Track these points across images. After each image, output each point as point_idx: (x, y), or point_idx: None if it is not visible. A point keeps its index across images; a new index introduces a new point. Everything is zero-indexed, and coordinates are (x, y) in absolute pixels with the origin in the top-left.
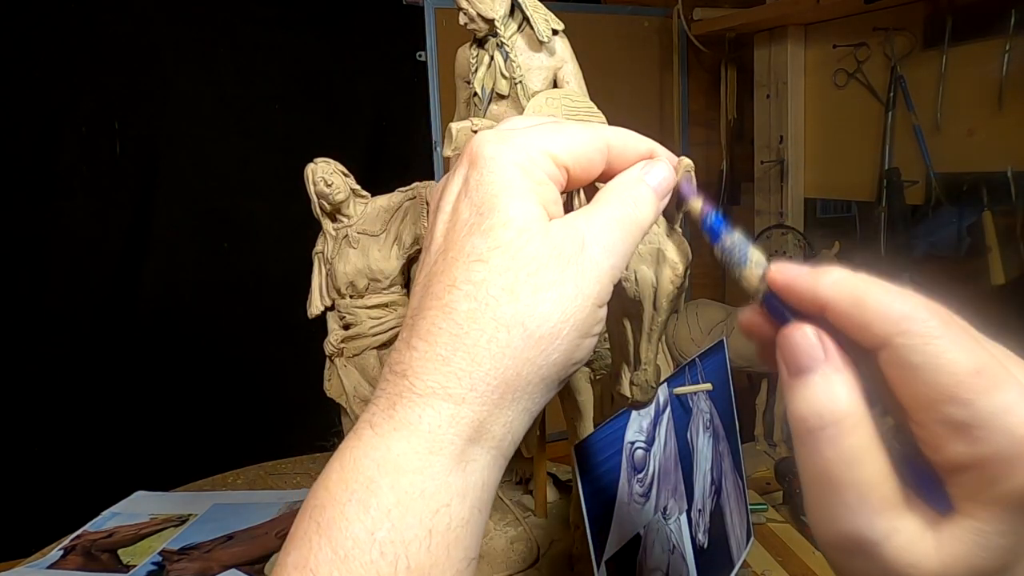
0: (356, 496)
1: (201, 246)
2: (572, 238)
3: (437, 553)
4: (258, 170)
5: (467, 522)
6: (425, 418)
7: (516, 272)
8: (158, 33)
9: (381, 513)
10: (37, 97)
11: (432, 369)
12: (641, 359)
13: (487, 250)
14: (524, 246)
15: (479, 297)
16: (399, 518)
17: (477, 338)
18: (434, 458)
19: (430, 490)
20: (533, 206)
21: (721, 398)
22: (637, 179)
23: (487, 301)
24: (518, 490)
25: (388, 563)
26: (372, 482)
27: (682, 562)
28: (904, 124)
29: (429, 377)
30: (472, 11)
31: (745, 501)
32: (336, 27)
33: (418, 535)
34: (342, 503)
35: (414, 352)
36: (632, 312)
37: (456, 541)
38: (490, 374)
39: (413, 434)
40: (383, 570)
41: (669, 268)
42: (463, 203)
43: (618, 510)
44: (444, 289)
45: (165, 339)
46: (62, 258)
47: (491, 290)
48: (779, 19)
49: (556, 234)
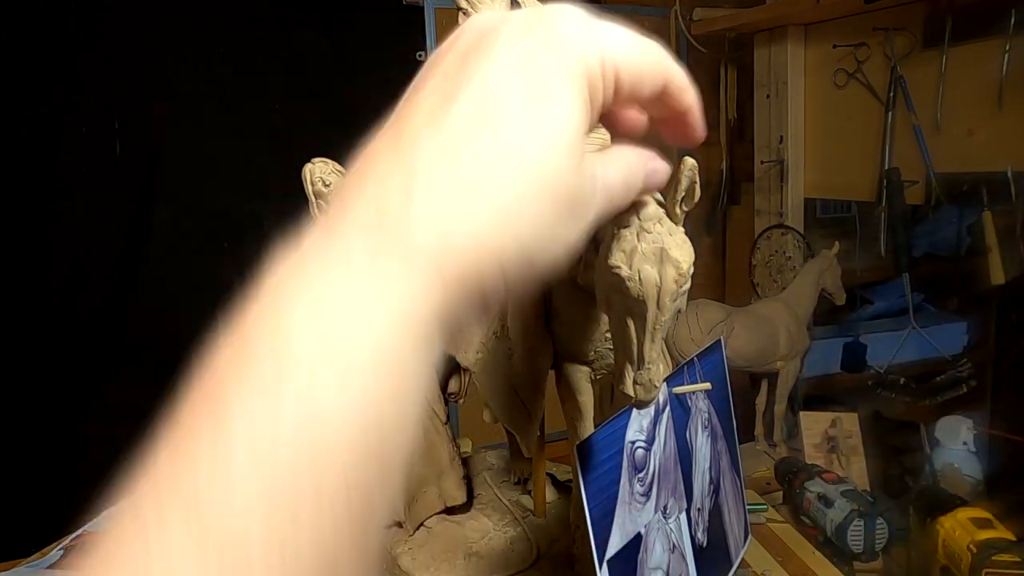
0: (326, 345)
1: (201, 246)
2: (591, 184)
3: (402, 421)
4: (258, 170)
5: (421, 400)
6: (410, 287)
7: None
8: (158, 33)
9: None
10: (37, 97)
11: (431, 240)
12: (644, 358)
13: (530, 144)
14: (558, 167)
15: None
16: (372, 380)
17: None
18: (411, 328)
19: (403, 357)
20: (580, 128)
21: (719, 397)
22: (638, 170)
23: (508, 203)
24: (517, 490)
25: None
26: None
27: (682, 561)
28: (904, 124)
29: (426, 248)
30: (472, 11)
31: (743, 500)
32: (336, 27)
33: (389, 400)
34: (309, 350)
35: (411, 207)
36: (635, 311)
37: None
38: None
39: (396, 298)
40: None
41: (672, 267)
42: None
43: (619, 509)
44: (469, 164)
45: (165, 339)
46: (62, 258)
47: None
48: (779, 19)
49: (584, 174)
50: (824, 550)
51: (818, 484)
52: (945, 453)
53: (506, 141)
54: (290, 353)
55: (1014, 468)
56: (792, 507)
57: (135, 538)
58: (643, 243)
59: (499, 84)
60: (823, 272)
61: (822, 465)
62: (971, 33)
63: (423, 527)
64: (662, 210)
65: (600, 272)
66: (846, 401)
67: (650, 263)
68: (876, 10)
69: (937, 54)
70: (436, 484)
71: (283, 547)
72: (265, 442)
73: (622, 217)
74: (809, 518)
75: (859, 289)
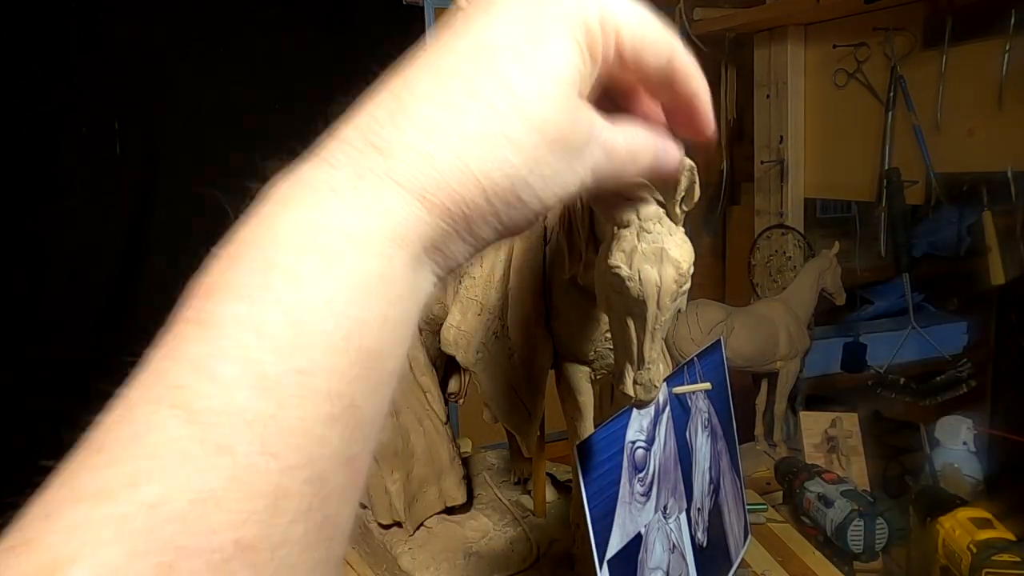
0: (312, 259)
1: (201, 246)
2: (590, 130)
3: (387, 341)
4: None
5: (409, 325)
6: (395, 209)
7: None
8: (158, 33)
9: (340, 284)
10: (37, 97)
11: (417, 165)
12: (644, 358)
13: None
14: (550, 103)
15: (489, 120)
16: (358, 295)
17: (472, 159)
18: (397, 249)
19: (389, 277)
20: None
21: (719, 397)
22: (647, 144)
23: (495, 134)
24: (517, 490)
25: (341, 337)
26: (332, 249)
27: (682, 561)
28: (904, 124)
29: (412, 170)
30: None
31: (743, 500)
32: (336, 27)
33: (374, 317)
34: (294, 263)
35: (398, 132)
36: (635, 311)
37: (403, 338)
38: (467, 200)
39: (381, 217)
40: (336, 343)
41: (672, 267)
42: (518, 21)
43: (619, 509)
44: (459, 92)
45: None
46: (62, 258)
47: (507, 127)
48: (779, 19)
49: (580, 118)
50: (824, 550)
51: (818, 484)
52: (945, 453)
53: (497, 76)
54: (276, 265)
55: (1014, 468)
56: (792, 507)
57: (124, 420)
58: (643, 243)
59: (497, 29)
60: (823, 272)
61: (822, 465)
62: (971, 33)
63: (423, 527)
64: (662, 210)
65: (600, 272)
66: (846, 401)
67: (650, 263)
68: (876, 10)
69: (937, 54)
70: (436, 484)
71: (265, 437)
72: (252, 349)
73: (622, 217)
74: (809, 518)
75: (859, 289)
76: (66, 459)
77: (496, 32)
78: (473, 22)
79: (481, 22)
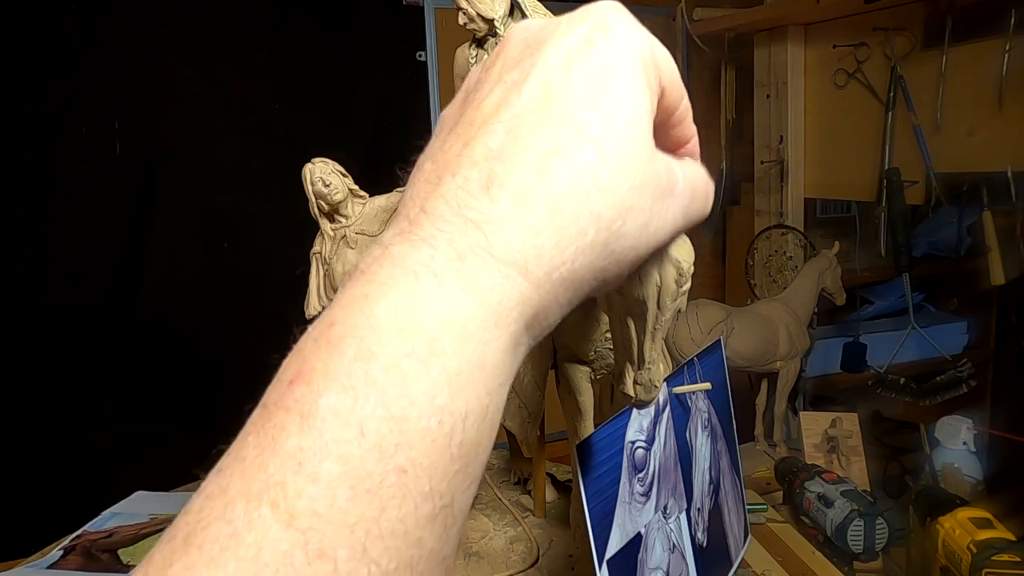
0: (417, 353)
1: (201, 246)
2: (669, 173)
3: (484, 433)
4: (258, 170)
5: (502, 411)
6: (498, 289)
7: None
8: (158, 33)
9: (444, 378)
10: (37, 97)
11: (518, 237)
12: (645, 358)
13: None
14: (632, 148)
15: (581, 176)
16: (460, 388)
17: (568, 221)
18: (498, 332)
19: (492, 365)
20: (647, 112)
21: (719, 397)
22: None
23: (588, 190)
24: (517, 490)
25: (444, 434)
26: (437, 341)
27: (682, 561)
28: (904, 124)
29: (513, 245)
30: (472, 11)
31: (743, 500)
32: (336, 27)
33: (475, 410)
34: (397, 355)
35: (495, 205)
36: (636, 311)
37: (496, 424)
38: (566, 264)
39: (482, 301)
40: (438, 441)
41: (673, 267)
42: (578, 63)
43: (619, 509)
44: (544, 152)
45: (165, 339)
46: (62, 258)
47: (597, 179)
48: (779, 19)
49: (659, 160)
50: (824, 550)
51: (818, 484)
52: (945, 453)
53: (575, 127)
54: (377, 356)
55: (1014, 468)
56: (792, 507)
57: (221, 518)
58: None
59: (561, 71)
60: (823, 272)
61: (822, 465)
62: (971, 33)
63: None
64: None
65: None
66: (846, 401)
67: (650, 263)
68: (876, 10)
69: (937, 54)
70: None
71: (366, 542)
72: (353, 446)
73: None
74: (809, 518)
75: (859, 289)
76: (159, 548)
77: (561, 72)
78: (534, 60)
79: (543, 60)
